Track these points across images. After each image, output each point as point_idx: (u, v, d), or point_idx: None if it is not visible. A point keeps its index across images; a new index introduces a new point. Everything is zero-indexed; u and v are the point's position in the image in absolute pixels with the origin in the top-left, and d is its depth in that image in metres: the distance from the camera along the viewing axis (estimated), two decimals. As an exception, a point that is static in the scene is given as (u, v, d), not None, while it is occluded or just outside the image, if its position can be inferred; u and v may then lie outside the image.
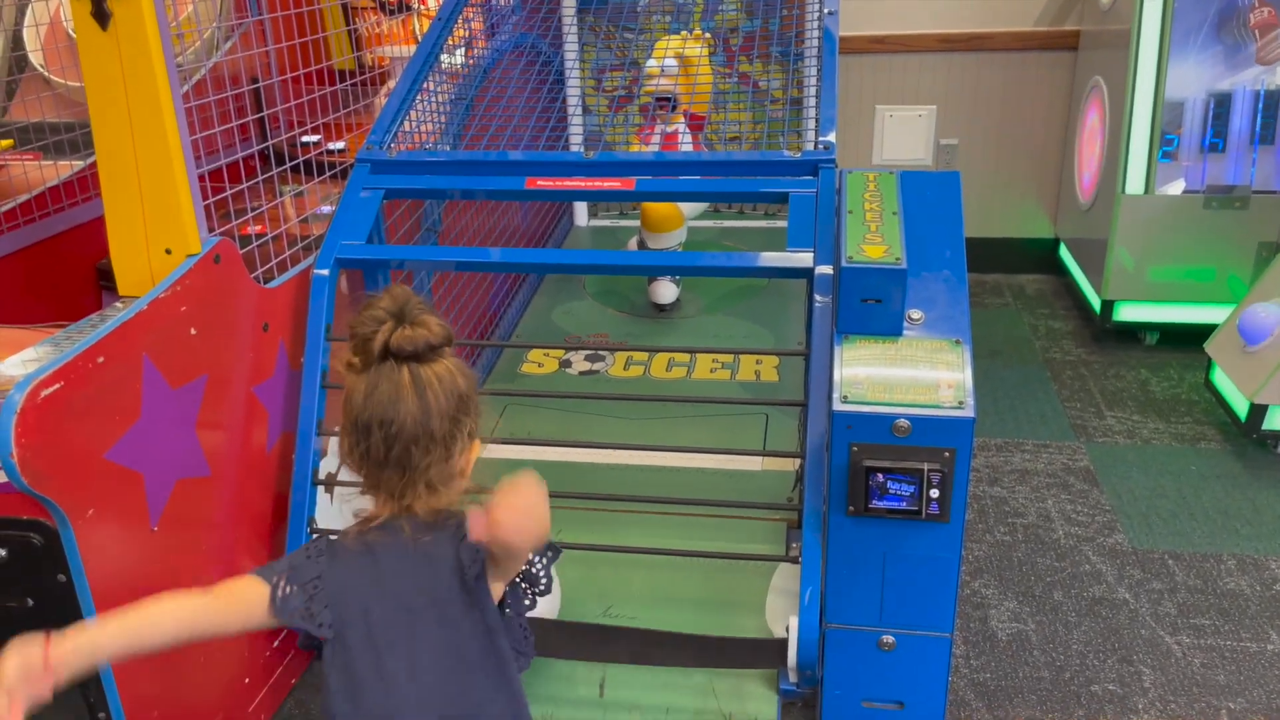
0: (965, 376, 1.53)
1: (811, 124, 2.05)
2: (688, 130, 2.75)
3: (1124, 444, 2.66)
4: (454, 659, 1.12)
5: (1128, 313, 3.13)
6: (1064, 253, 3.70)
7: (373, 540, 1.12)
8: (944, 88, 3.69)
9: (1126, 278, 3.07)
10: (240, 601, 1.10)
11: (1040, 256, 3.83)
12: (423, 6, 3.67)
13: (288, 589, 1.10)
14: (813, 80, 2.95)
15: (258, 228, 2.44)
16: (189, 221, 1.58)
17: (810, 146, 1.86)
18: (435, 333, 1.08)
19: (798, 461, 1.86)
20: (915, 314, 1.61)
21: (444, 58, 2.29)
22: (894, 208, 1.69)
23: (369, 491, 1.12)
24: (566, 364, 2.74)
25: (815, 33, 2.25)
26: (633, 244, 3.03)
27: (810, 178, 1.83)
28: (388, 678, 1.10)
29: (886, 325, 1.59)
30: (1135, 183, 2.97)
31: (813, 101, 3.17)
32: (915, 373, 1.54)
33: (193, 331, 1.58)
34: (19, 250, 2.44)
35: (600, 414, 2.48)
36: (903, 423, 1.50)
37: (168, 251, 1.59)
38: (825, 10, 2.19)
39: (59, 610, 1.40)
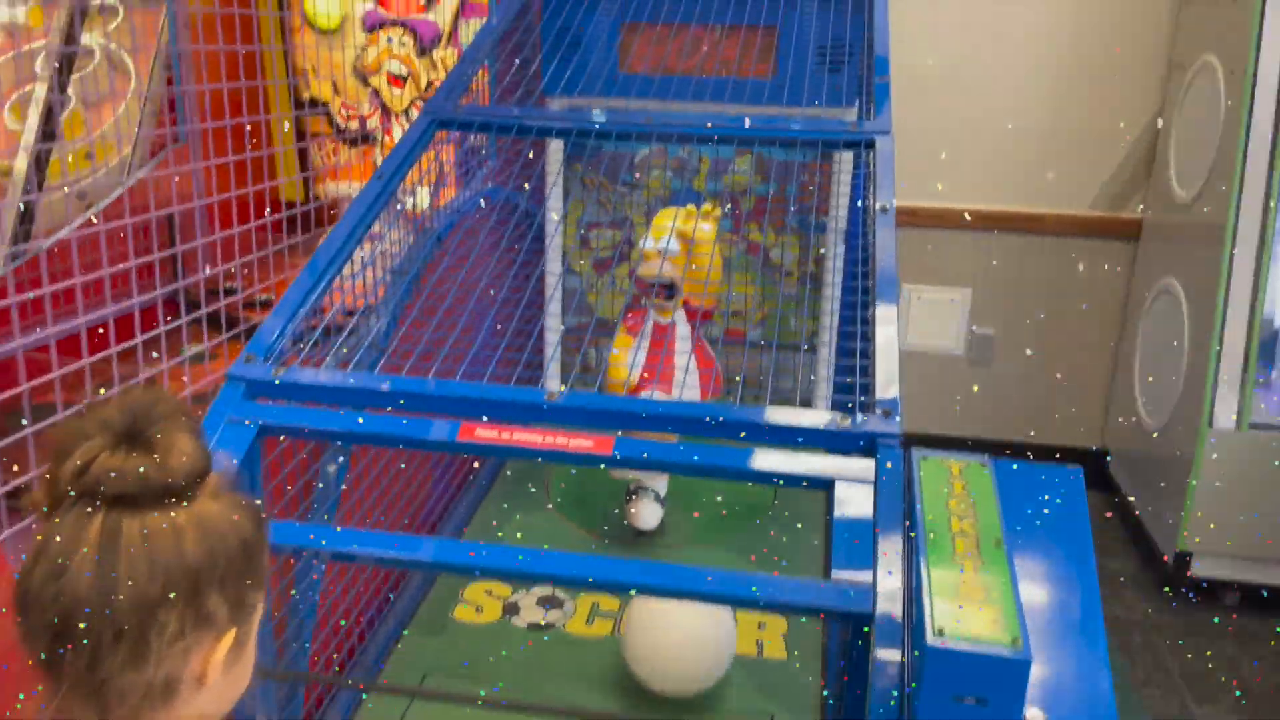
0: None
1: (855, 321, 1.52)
2: (686, 323, 2.22)
3: (1223, 760, 2.07)
4: None
5: (1208, 568, 2.57)
6: (1114, 469, 3.17)
7: None
8: (981, 270, 3.21)
9: (1208, 527, 2.52)
10: None
11: (1085, 469, 3.28)
12: (387, 138, 3.20)
13: None
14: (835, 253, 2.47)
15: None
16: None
17: (859, 415, 1.29)
18: (175, 464, 0.73)
19: None
20: (1034, 714, 1.04)
21: (378, 229, 1.77)
22: (996, 532, 1.13)
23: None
24: (513, 609, 2.14)
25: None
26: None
27: (864, 458, 1.28)
28: None
29: (989, 731, 1.01)
30: (1225, 416, 2.45)
31: (833, 291, 2.71)
32: (1037, 825, 0.96)
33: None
34: None
35: (556, 689, 1.88)
36: None
37: None
38: (878, 206, 1.68)
39: None
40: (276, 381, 1.37)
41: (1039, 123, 3.06)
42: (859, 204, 1.89)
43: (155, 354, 1.60)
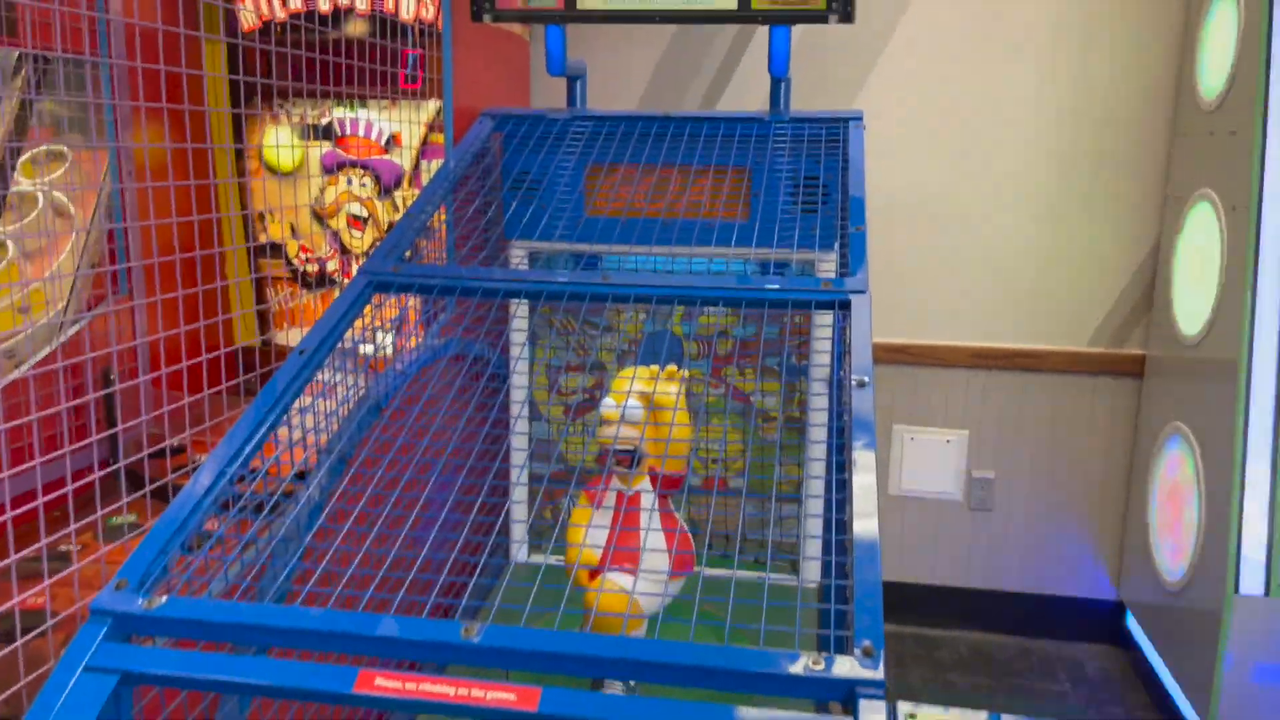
0: None
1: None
2: (652, 492, 2.02)
3: None
4: None
5: (1245, 748, 2.31)
6: (1133, 622, 2.92)
7: None
8: (978, 411, 3.02)
9: (1244, 702, 2.27)
10: None
11: (1099, 621, 3.04)
12: (346, 280, 3.05)
13: None
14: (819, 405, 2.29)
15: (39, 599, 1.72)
16: None
17: (835, 657, 1.08)
18: None
19: None
20: None
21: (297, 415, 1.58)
22: (1003, 831, 0.90)
23: None
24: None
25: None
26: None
27: (842, 714, 1.06)
28: None
29: None
30: (1252, 579, 2.23)
31: (818, 433, 2.52)
32: None
33: None
34: None
35: None
36: None
37: None
38: (854, 381, 1.49)
39: None
40: (150, 611, 1.16)
41: (1033, 256, 2.91)
42: (839, 371, 1.71)
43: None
